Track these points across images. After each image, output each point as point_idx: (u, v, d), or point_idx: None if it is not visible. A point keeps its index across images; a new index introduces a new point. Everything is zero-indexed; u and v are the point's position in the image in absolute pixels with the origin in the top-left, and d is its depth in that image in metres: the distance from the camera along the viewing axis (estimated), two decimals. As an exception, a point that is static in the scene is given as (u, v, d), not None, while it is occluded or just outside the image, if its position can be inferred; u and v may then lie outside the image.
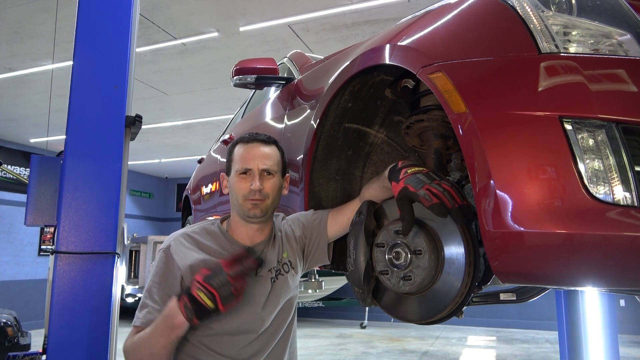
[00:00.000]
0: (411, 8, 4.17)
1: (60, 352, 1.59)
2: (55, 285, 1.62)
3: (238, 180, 1.38)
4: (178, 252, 1.34)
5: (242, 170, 1.38)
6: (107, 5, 1.87)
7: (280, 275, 1.42)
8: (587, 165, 0.83)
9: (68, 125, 1.73)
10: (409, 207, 1.12)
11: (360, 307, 7.39)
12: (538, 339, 7.90)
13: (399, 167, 1.18)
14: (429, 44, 1.12)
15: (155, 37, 4.91)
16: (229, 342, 1.32)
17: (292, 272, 1.45)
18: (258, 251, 1.37)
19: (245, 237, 1.42)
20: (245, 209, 1.37)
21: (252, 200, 1.36)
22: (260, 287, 1.37)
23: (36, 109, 7.09)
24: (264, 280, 1.38)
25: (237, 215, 1.42)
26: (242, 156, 1.40)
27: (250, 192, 1.36)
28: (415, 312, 1.19)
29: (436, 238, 1.13)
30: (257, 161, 1.38)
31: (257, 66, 2.08)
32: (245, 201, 1.37)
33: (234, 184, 1.39)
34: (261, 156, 1.39)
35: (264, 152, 1.40)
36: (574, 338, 3.11)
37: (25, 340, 4.72)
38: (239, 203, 1.38)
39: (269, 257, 1.42)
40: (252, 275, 1.36)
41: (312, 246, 1.50)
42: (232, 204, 1.42)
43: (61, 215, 1.66)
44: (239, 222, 1.42)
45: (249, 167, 1.38)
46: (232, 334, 1.32)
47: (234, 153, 1.43)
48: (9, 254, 8.73)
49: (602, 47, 0.92)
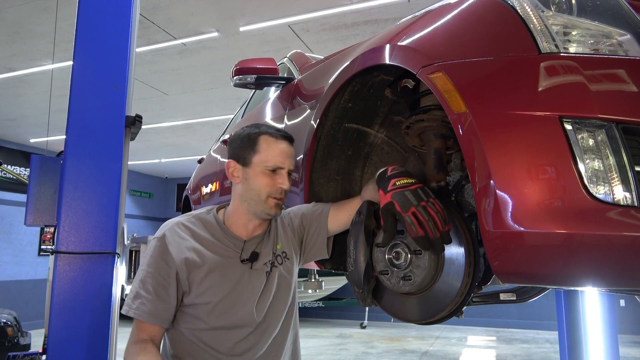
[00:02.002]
0: (411, 8, 4.17)
1: (60, 352, 1.59)
2: (55, 285, 1.61)
3: (265, 176, 1.33)
4: (173, 242, 1.32)
5: (273, 167, 1.33)
6: (107, 5, 1.87)
7: (274, 267, 1.40)
8: (587, 165, 0.83)
9: (68, 125, 1.73)
10: (392, 221, 1.16)
11: (360, 307, 7.40)
12: (538, 339, 7.90)
13: (388, 175, 1.18)
14: (428, 44, 1.12)
15: (155, 37, 4.91)
16: (224, 337, 1.31)
17: (287, 264, 1.43)
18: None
19: (243, 230, 1.39)
20: (268, 206, 1.34)
21: (276, 199, 1.34)
22: (255, 281, 1.36)
23: (36, 109, 7.09)
24: (258, 274, 1.37)
25: (247, 210, 1.37)
26: (274, 152, 1.34)
27: (277, 191, 1.33)
28: (415, 312, 1.19)
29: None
30: (288, 161, 1.36)
31: (257, 66, 2.08)
32: (269, 199, 1.33)
33: (259, 179, 1.33)
34: (290, 156, 1.37)
35: (291, 151, 1.38)
36: (574, 338, 3.11)
37: (25, 340, 4.72)
38: (260, 199, 1.34)
39: (264, 250, 1.40)
40: (247, 269, 1.35)
41: (310, 237, 1.48)
42: (246, 197, 1.36)
43: (61, 215, 1.66)
44: (244, 215, 1.38)
45: (282, 166, 1.34)
46: (227, 329, 1.32)
47: (260, 144, 1.35)
48: (9, 254, 8.72)
49: (602, 47, 0.91)
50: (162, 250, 1.31)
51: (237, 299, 1.32)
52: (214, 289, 1.30)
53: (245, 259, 1.36)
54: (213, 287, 1.31)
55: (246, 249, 1.37)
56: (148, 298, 1.27)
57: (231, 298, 1.32)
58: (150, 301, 1.27)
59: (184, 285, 1.30)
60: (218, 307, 1.30)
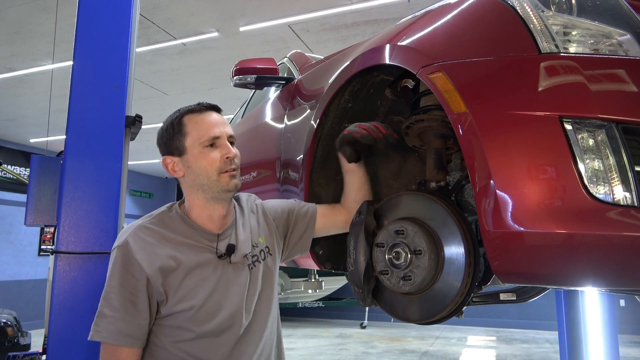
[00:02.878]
0: (411, 8, 4.17)
1: (60, 352, 1.59)
2: (55, 285, 1.62)
3: (206, 155, 1.21)
4: (138, 250, 1.16)
5: (208, 140, 1.21)
6: (107, 5, 1.87)
7: (257, 262, 1.30)
8: (587, 165, 0.83)
9: (68, 125, 1.73)
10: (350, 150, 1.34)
11: (360, 307, 7.39)
12: (538, 339, 7.90)
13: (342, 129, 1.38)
14: (428, 44, 1.12)
15: (155, 37, 4.91)
16: (214, 345, 1.20)
17: (270, 259, 1.34)
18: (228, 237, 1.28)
19: (209, 223, 1.26)
20: (223, 183, 1.21)
21: (229, 172, 1.22)
22: (238, 277, 1.25)
23: (36, 109, 7.10)
24: (240, 269, 1.26)
25: (204, 198, 1.24)
26: (203, 126, 1.22)
27: (225, 163, 1.21)
28: (415, 312, 1.19)
29: (436, 238, 1.13)
30: (222, 128, 1.23)
31: (257, 66, 2.08)
32: (221, 175, 1.21)
33: (201, 160, 1.21)
34: (222, 123, 1.25)
35: (221, 119, 1.27)
36: (574, 338, 3.12)
37: (25, 340, 4.72)
38: (211, 180, 1.21)
39: (241, 241, 1.29)
40: (227, 264, 1.24)
41: (295, 234, 1.43)
42: (196, 184, 1.23)
43: (61, 215, 1.66)
44: (203, 206, 1.25)
45: (217, 135, 1.22)
46: (215, 335, 1.20)
47: (185, 126, 1.23)
48: (9, 254, 8.72)
49: (602, 47, 0.91)
50: (126, 260, 1.16)
51: (222, 298, 1.21)
52: (194, 291, 1.18)
53: (223, 253, 1.24)
54: (193, 290, 1.19)
55: (220, 242, 1.26)
56: (115, 317, 1.13)
57: (216, 298, 1.20)
58: (119, 320, 1.13)
59: (158, 295, 1.16)
60: (202, 311, 1.18)
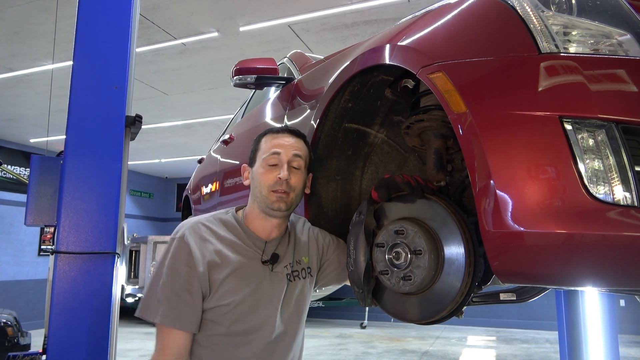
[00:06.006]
0: (411, 8, 4.17)
1: (60, 352, 1.59)
2: (55, 285, 1.61)
3: (265, 171, 1.33)
4: (194, 243, 1.26)
5: (270, 154, 1.33)
6: (107, 5, 1.87)
7: (297, 277, 1.38)
8: (587, 165, 0.83)
9: (68, 125, 1.73)
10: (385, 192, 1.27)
11: (360, 307, 7.39)
12: (538, 339, 7.90)
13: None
14: (429, 44, 1.12)
15: (155, 37, 4.91)
16: (240, 343, 1.27)
17: (309, 280, 1.41)
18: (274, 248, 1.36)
19: (261, 231, 1.36)
20: (270, 201, 1.31)
21: (277, 192, 1.31)
22: (276, 285, 1.32)
23: (36, 109, 7.09)
24: (279, 278, 1.34)
25: (258, 208, 1.35)
26: (270, 144, 1.35)
27: (276, 183, 1.31)
28: (415, 312, 1.19)
29: (436, 238, 1.13)
30: (287, 150, 1.34)
31: (257, 66, 2.08)
32: (270, 193, 1.31)
33: (260, 174, 1.33)
34: (290, 146, 1.35)
35: (293, 142, 1.36)
36: (574, 338, 3.12)
37: (25, 340, 4.72)
38: (262, 195, 1.32)
39: (284, 254, 1.37)
40: (268, 271, 1.32)
41: (329, 264, 1.47)
42: (253, 195, 1.36)
43: (61, 215, 1.66)
44: (258, 215, 1.36)
45: (278, 150, 1.33)
46: (244, 334, 1.27)
47: (261, 142, 1.38)
48: (9, 254, 8.73)
49: (602, 47, 0.91)
50: (183, 251, 1.26)
51: (258, 302, 1.28)
52: (235, 289, 1.27)
53: (267, 260, 1.32)
54: (235, 287, 1.27)
55: (267, 250, 1.34)
56: (172, 303, 1.21)
57: (252, 300, 1.28)
58: (175, 306, 1.21)
59: (204, 287, 1.25)
60: (238, 309, 1.26)
